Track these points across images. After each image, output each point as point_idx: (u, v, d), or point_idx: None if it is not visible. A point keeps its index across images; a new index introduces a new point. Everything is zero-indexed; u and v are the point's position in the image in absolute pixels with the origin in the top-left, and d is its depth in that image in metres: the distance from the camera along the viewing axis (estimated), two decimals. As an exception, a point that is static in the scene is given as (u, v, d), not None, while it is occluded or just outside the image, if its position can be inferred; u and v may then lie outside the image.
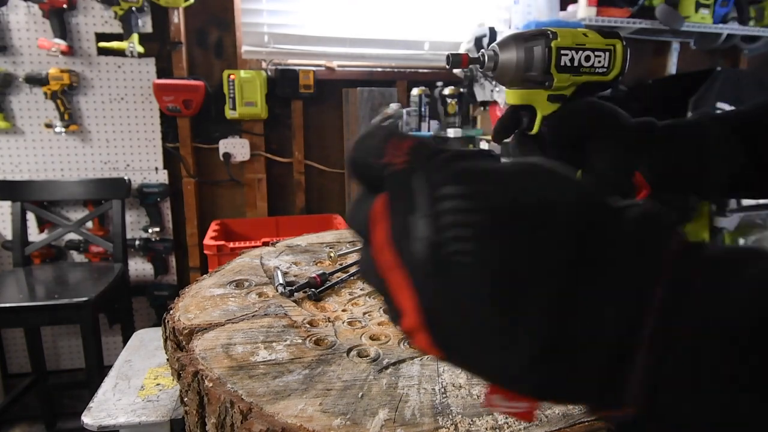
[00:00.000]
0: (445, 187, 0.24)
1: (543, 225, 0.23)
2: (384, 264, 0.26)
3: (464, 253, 0.23)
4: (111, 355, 1.92)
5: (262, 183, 2.12)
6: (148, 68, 1.93)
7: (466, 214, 0.24)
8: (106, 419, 0.64)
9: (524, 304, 0.23)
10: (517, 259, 0.23)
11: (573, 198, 0.24)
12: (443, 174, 0.25)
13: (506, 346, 0.23)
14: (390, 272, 0.26)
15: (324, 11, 2.08)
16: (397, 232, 0.26)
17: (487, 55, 0.57)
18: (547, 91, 0.57)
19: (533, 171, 0.25)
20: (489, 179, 0.25)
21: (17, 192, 1.80)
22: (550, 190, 0.24)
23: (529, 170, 0.25)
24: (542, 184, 0.25)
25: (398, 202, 0.26)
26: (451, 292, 0.24)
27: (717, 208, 2.31)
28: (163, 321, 0.55)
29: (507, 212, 0.24)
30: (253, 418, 0.37)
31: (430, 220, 0.24)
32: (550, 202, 0.24)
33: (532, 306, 0.23)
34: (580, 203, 0.24)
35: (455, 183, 0.24)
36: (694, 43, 2.32)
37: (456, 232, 0.24)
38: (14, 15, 1.81)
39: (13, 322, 1.71)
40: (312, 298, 0.58)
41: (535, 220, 0.23)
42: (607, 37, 0.56)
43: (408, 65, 2.20)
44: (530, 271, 0.23)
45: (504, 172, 0.25)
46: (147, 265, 2.07)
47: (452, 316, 0.24)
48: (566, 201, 0.24)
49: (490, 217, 0.23)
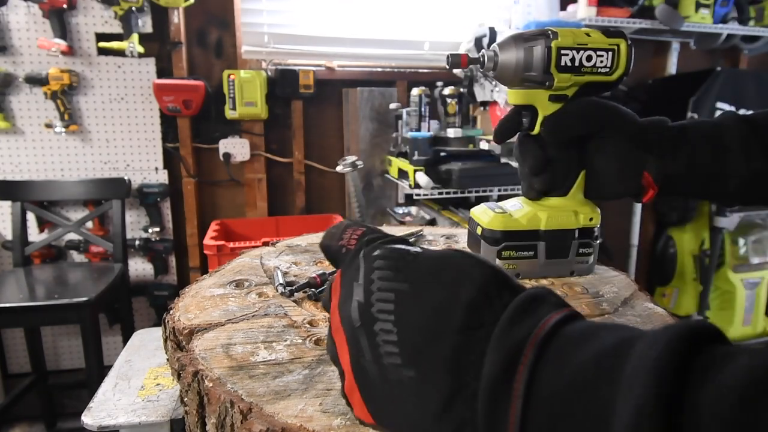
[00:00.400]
0: (377, 262, 0.31)
1: (447, 294, 0.28)
2: (334, 326, 0.32)
3: (386, 312, 0.29)
4: (111, 355, 1.92)
5: (262, 183, 2.12)
6: (148, 68, 1.93)
7: (390, 282, 0.29)
8: (106, 419, 0.64)
9: (430, 358, 0.27)
10: (425, 319, 0.28)
11: (476, 275, 0.28)
12: (378, 253, 0.31)
13: (418, 397, 0.27)
14: (336, 334, 0.32)
15: (324, 11, 2.08)
16: (343, 297, 0.32)
17: (487, 56, 0.57)
18: (548, 91, 0.57)
19: (446, 255, 0.31)
20: (411, 258, 0.30)
21: (17, 192, 1.80)
22: (457, 269, 0.29)
23: (442, 254, 0.31)
24: (452, 263, 0.30)
25: (346, 274, 0.32)
26: (375, 347, 0.29)
27: (717, 209, 2.31)
28: (163, 321, 0.54)
29: (421, 283, 0.29)
30: (253, 418, 0.37)
31: (364, 287, 0.30)
32: (454, 277, 0.29)
33: (436, 360, 0.26)
34: (479, 281, 0.28)
35: (385, 260, 0.30)
36: (694, 43, 2.32)
37: (381, 295, 0.29)
38: (14, 15, 1.81)
39: (13, 322, 1.71)
40: (312, 298, 0.58)
41: (441, 290, 0.28)
42: (611, 37, 0.56)
43: (408, 65, 2.20)
44: (435, 330, 0.27)
45: (423, 254, 0.31)
46: (147, 265, 2.07)
47: (375, 370, 0.29)
48: (468, 277, 0.28)
49: (407, 286, 0.29)
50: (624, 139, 0.57)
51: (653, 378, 0.19)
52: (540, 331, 0.25)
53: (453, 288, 0.28)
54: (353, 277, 0.31)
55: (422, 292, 0.29)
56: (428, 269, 0.30)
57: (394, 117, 1.96)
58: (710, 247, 2.34)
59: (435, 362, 0.27)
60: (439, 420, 0.26)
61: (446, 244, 0.79)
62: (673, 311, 1.27)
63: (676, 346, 0.20)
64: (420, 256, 0.31)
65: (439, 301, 0.28)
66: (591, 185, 0.61)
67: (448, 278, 0.29)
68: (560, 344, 0.24)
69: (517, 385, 0.24)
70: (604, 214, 0.64)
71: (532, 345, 0.24)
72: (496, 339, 0.25)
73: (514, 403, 0.24)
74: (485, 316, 0.27)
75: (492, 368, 0.25)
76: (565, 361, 0.23)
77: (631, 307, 0.56)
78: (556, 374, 0.23)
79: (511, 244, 0.60)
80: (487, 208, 0.64)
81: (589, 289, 0.60)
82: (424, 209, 1.96)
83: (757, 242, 2.39)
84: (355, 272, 0.31)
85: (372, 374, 0.29)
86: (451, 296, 0.28)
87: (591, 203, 0.63)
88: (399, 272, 0.30)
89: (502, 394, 0.24)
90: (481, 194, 1.75)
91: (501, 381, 0.24)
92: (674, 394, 0.19)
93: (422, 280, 0.29)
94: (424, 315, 0.28)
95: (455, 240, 0.81)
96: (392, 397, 0.28)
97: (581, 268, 0.64)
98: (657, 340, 0.21)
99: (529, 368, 0.24)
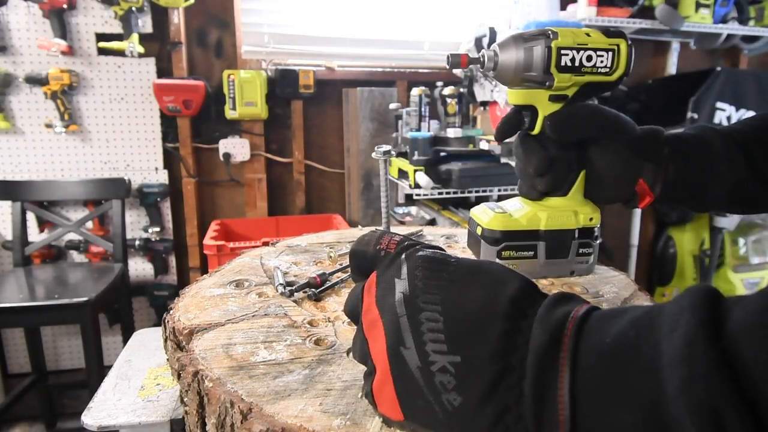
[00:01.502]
0: (420, 261, 0.33)
1: (491, 290, 0.31)
2: (369, 321, 0.34)
3: (432, 303, 0.31)
4: (111, 355, 1.93)
5: (262, 183, 2.12)
6: (148, 68, 1.93)
7: (434, 279, 0.32)
8: (106, 419, 0.64)
9: (477, 344, 0.29)
10: (472, 308, 0.30)
11: (512, 279, 0.32)
12: (421, 254, 0.34)
13: (462, 384, 0.28)
14: (371, 329, 0.33)
15: (324, 11, 2.08)
16: (381, 292, 0.34)
17: (487, 56, 0.57)
18: (548, 91, 0.57)
19: (483, 262, 0.34)
20: (453, 261, 0.33)
21: (17, 192, 1.80)
22: (495, 273, 0.32)
23: (480, 262, 0.34)
24: (490, 269, 0.33)
25: (386, 273, 0.34)
26: (419, 335, 0.30)
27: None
28: (163, 321, 0.54)
29: (464, 280, 0.32)
30: (253, 418, 0.37)
31: (409, 281, 0.32)
32: (493, 279, 0.32)
33: (483, 345, 0.28)
34: (517, 284, 0.31)
35: (427, 260, 0.33)
36: (694, 43, 2.32)
37: (426, 288, 0.32)
38: (14, 15, 1.81)
39: (13, 322, 1.71)
40: (312, 298, 0.58)
41: (483, 287, 0.31)
42: (611, 37, 0.56)
43: (408, 65, 2.20)
44: (482, 318, 0.29)
45: (462, 259, 0.34)
46: (147, 265, 2.07)
47: (415, 358, 0.30)
48: (506, 280, 0.31)
49: (451, 282, 0.32)
50: (624, 146, 0.58)
51: (693, 312, 0.23)
52: (576, 313, 0.28)
53: (495, 286, 0.31)
54: (394, 275, 0.33)
55: (466, 286, 0.31)
56: (469, 270, 0.32)
57: (394, 117, 1.96)
58: (710, 247, 2.34)
59: (481, 347, 0.28)
60: (481, 406, 0.28)
61: (446, 244, 0.79)
62: (673, 311, 1.28)
63: (702, 293, 0.24)
64: (460, 260, 0.34)
65: (485, 294, 0.30)
66: (587, 188, 0.61)
67: (488, 280, 0.31)
68: (596, 320, 0.28)
69: (563, 354, 0.26)
70: (604, 214, 0.64)
71: (572, 320, 0.27)
72: (539, 320, 0.28)
73: (562, 371, 0.26)
74: (527, 308, 0.29)
75: (539, 340, 0.27)
76: (603, 330, 0.26)
77: (631, 307, 0.56)
78: (598, 341, 0.26)
79: (511, 244, 0.60)
80: (487, 208, 0.64)
81: (589, 289, 0.60)
82: (424, 209, 1.96)
83: (757, 242, 2.39)
84: (397, 270, 0.34)
85: (411, 363, 0.30)
86: (495, 291, 0.30)
87: (591, 203, 0.63)
88: (441, 271, 0.32)
89: (549, 365, 0.26)
90: (481, 194, 1.75)
91: (548, 353, 0.27)
92: (712, 318, 0.23)
93: (465, 279, 0.32)
94: (470, 304, 0.30)
95: (455, 240, 0.81)
96: (431, 387, 0.29)
97: (581, 268, 0.64)
98: (683, 296, 0.25)
99: (573, 338, 0.26)
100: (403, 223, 1.87)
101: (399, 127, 1.91)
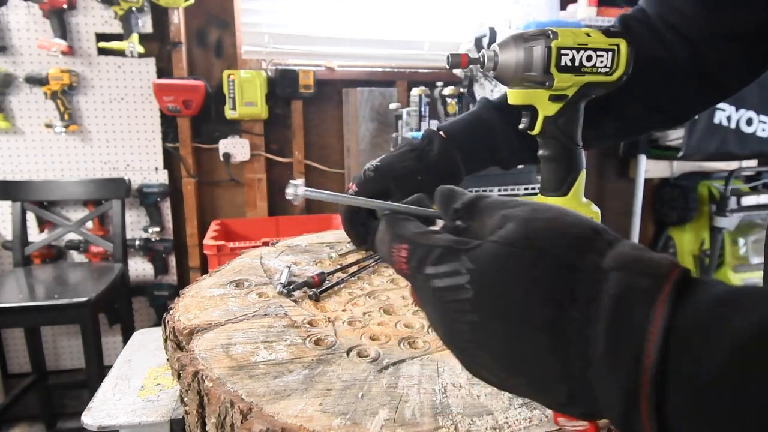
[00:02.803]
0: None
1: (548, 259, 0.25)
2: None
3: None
4: (111, 355, 1.93)
5: (262, 183, 2.12)
6: (148, 68, 1.93)
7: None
8: (106, 419, 0.64)
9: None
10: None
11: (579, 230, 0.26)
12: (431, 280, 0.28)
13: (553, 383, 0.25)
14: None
15: (324, 11, 2.08)
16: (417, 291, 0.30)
17: (487, 56, 0.57)
18: (548, 91, 0.57)
19: (540, 207, 0.28)
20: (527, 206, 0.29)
21: (17, 192, 1.80)
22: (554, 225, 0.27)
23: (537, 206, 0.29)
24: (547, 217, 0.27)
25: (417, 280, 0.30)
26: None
27: (717, 209, 2.31)
28: (163, 321, 0.55)
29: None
30: (253, 418, 0.37)
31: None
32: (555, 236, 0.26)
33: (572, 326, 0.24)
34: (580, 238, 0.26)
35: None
36: (694, 43, 2.32)
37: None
38: (14, 15, 1.81)
39: (13, 322, 1.71)
40: (312, 298, 0.58)
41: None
42: (611, 37, 0.56)
43: (408, 65, 2.20)
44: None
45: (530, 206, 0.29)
46: (147, 265, 2.07)
47: None
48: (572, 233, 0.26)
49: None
50: None
51: None
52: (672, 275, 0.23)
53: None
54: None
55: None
56: (530, 225, 0.28)
57: (394, 117, 1.96)
58: (710, 247, 2.35)
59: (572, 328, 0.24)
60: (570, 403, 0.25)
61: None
62: (673, 311, 1.28)
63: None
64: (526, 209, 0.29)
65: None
66: None
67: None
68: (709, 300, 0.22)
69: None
70: (604, 214, 0.64)
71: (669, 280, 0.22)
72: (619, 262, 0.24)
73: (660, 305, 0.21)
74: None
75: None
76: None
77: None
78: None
79: (511, 244, 0.60)
80: (487, 208, 0.64)
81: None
82: (424, 209, 1.96)
83: (757, 242, 2.39)
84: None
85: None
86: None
87: (591, 203, 0.63)
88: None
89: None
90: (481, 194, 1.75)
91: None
92: None
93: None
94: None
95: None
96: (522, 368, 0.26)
97: (581, 268, 0.63)
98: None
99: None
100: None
101: (399, 127, 1.91)
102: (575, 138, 0.60)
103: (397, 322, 0.53)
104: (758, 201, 2.34)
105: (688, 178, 2.47)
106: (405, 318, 0.54)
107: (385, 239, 0.32)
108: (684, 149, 2.06)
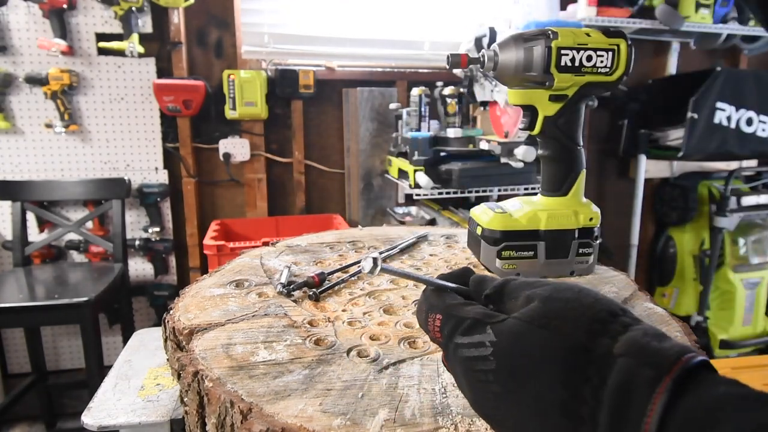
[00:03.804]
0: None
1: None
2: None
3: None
4: (111, 355, 1.93)
5: (262, 183, 2.12)
6: (148, 68, 1.93)
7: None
8: (106, 419, 0.64)
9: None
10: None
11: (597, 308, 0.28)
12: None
13: None
14: None
15: (324, 11, 2.08)
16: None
17: (487, 56, 0.57)
18: (548, 91, 0.57)
19: (563, 286, 0.31)
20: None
21: (17, 192, 1.80)
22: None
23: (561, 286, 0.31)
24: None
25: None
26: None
27: (717, 209, 2.31)
28: (163, 321, 0.55)
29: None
30: (253, 418, 0.37)
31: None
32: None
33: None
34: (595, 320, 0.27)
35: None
36: (694, 43, 2.32)
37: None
38: (14, 15, 1.81)
39: (13, 322, 1.71)
40: (312, 298, 0.58)
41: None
42: (611, 37, 0.56)
43: (408, 65, 2.20)
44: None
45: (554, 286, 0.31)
46: (147, 265, 2.07)
47: None
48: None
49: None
50: None
51: None
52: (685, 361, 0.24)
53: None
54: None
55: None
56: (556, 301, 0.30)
57: (394, 117, 1.96)
58: (710, 247, 2.34)
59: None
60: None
61: (446, 244, 0.79)
62: (672, 311, 1.27)
63: None
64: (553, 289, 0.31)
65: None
66: None
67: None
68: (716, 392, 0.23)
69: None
70: (604, 214, 0.64)
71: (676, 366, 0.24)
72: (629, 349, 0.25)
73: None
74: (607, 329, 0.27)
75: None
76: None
77: (631, 307, 0.56)
78: None
79: (511, 244, 0.60)
80: (487, 208, 0.64)
81: (589, 289, 0.60)
82: (424, 209, 1.96)
83: (757, 242, 2.39)
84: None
85: None
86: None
87: (591, 203, 0.63)
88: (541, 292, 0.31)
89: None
90: (481, 194, 1.75)
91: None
92: None
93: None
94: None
95: (455, 240, 0.82)
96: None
97: (581, 268, 0.64)
98: None
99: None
100: (403, 222, 1.87)
101: (399, 127, 1.91)
102: (575, 138, 0.60)
103: (397, 322, 0.53)
104: (758, 201, 2.33)
105: (688, 178, 2.47)
106: (405, 318, 0.54)
107: (423, 309, 0.36)
108: (684, 149, 2.06)
